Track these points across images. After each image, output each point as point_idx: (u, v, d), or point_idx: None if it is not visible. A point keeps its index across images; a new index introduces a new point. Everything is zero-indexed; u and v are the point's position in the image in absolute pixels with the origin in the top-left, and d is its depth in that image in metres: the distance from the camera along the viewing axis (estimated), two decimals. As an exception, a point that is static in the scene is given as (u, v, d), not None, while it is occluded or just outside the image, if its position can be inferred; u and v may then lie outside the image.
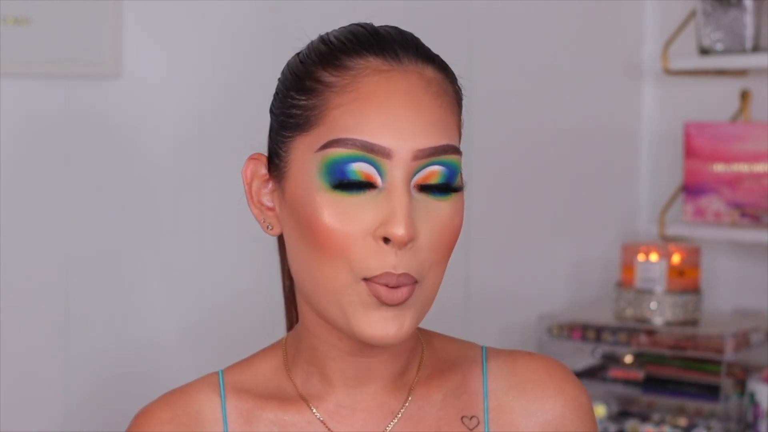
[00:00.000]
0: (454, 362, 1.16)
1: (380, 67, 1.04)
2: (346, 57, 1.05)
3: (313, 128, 1.04)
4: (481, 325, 2.29)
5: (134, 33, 1.81)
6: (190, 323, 1.90)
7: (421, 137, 1.02)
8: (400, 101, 1.03)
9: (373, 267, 1.01)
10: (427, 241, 1.02)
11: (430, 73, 1.06)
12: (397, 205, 1.00)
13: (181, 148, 1.88)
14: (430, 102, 1.04)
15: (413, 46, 1.08)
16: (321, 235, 1.02)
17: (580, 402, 1.15)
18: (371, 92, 1.03)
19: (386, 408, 1.11)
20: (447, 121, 1.05)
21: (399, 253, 1.01)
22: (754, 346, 2.24)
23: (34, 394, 1.75)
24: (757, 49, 2.30)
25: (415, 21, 2.15)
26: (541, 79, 2.41)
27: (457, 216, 1.05)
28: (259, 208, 1.10)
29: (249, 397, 1.12)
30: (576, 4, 2.44)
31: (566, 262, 2.48)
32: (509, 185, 2.37)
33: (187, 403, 1.13)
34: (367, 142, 1.01)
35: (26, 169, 1.73)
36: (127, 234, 1.83)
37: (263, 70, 1.93)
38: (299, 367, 1.12)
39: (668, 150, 2.56)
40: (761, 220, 2.33)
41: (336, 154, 1.01)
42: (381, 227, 1.00)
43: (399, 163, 1.01)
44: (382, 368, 1.10)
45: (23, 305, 1.74)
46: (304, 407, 1.11)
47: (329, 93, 1.04)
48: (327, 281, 1.03)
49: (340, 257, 1.01)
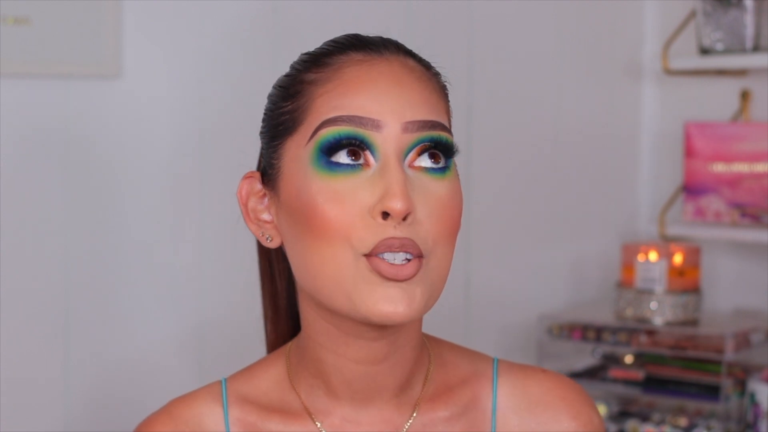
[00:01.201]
0: (463, 377, 1.13)
1: (362, 59, 1.05)
2: (327, 57, 1.06)
3: (300, 125, 1.04)
4: (481, 325, 2.29)
5: (134, 33, 1.81)
6: (189, 327, 1.90)
7: (409, 110, 1.02)
8: (384, 81, 1.03)
9: (372, 240, 0.99)
10: (426, 216, 1.01)
11: (412, 63, 1.07)
12: (393, 179, 1.00)
13: (180, 148, 1.87)
14: (414, 83, 1.04)
15: (394, 44, 1.08)
16: (319, 220, 1.01)
17: (593, 427, 1.13)
18: (354, 77, 1.03)
19: (391, 424, 1.09)
20: (434, 102, 1.05)
21: (398, 227, 0.99)
22: (754, 346, 2.24)
23: (33, 396, 1.75)
24: (758, 49, 2.29)
25: (415, 22, 2.16)
26: (541, 79, 2.41)
27: (455, 196, 1.04)
28: (256, 224, 1.09)
29: (252, 409, 1.11)
30: (576, 4, 2.44)
31: (566, 262, 2.48)
32: (509, 185, 2.36)
33: (190, 415, 1.11)
34: (355, 116, 1.01)
35: (26, 170, 1.73)
36: (126, 235, 1.83)
37: (263, 70, 1.92)
38: (303, 380, 1.10)
39: (668, 150, 2.56)
40: (761, 220, 2.33)
41: (327, 133, 1.01)
42: (378, 204, 1.00)
43: (389, 136, 1.01)
44: (388, 379, 1.08)
45: (22, 307, 1.74)
46: (308, 421, 1.09)
47: (312, 87, 1.04)
48: (329, 266, 1.01)
49: (340, 238, 1.00)
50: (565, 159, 2.46)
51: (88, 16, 1.76)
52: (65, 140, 1.76)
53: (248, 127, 1.93)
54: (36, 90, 1.73)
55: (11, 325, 1.72)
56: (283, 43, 1.96)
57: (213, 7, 1.89)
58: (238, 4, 1.92)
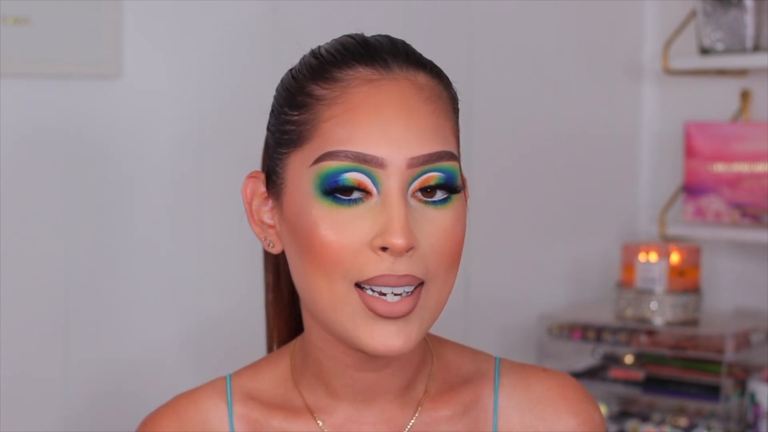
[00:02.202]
0: (465, 377, 1.13)
1: (370, 77, 1.03)
2: (336, 69, 1.04)
3: (306, 143, 1.02)
4: (481, 325, 2.29)
5: (134, 33, 1.81)
6: (188, 327, 1.90)
7: (415, 145, 1.00)
8: (391, 109, 1.01)
9: (368, 270, 0.99)
10: (427, 247, 1.00)
11: (422, 79, 1.05)
12: (394, 213, 0.99)
13: (180, 148, 1.87)
14: (422, 108, 1.02)
15: (403, 53, 1.06)
16: (317, 248, 1.00)
17: (594, 425, 1.13)
18: (361, 102, 1.01)
19: (393, 424, 1.09)
20: (441, 127, 1.03)
21: (397, 260, 0.99)
22: (754, 346, 2.24)
23: (33, 396, 1.75)
24: (758, 49, 2.29)
25: (416, 22, 2.16)
26: (541, 80, 2.41)
27: (458, 223, 1.03)
28: (260, 226, 1.09)
29: (256, 406, 1.11)
30: (576, 4, 2.44)
31: (566, 262, 2.48)
32: (509, 185, 2.36)
33: (194, 411, 1.12)
34: (359, 153, 0.99)
35: (25, 170, 1.73)
36: (125, 234, 1.83)
37: (263, 70, 1.93)
38: (306, 379, 1.11)
39: (668, 150, 2.56)
40: (761, 220, 2.33)
41: (329, 167, 1.00)
42: (378, 237, 0.99)
43: (393, 172, 1.00)
44: (389, 382, 1.09)
45: (22, 307, 1.74)
46: (311, 420, 1.10)
47: (320, 106, 1.03)
48: (323, 295, 1.01)
49: (337, 269, 0.99)
50: (565, 159, 2.45)
51: (88, 16, 1.76)
52: (65, 140, 1.76)
53: (248, 127, 1.93)
54: (36, 90, 1.73)
55: (11, 325, 1.72)
56: (283, 43, 1.96)
57: (213, 7, 1.89)
58: (238, 4, 1.92)
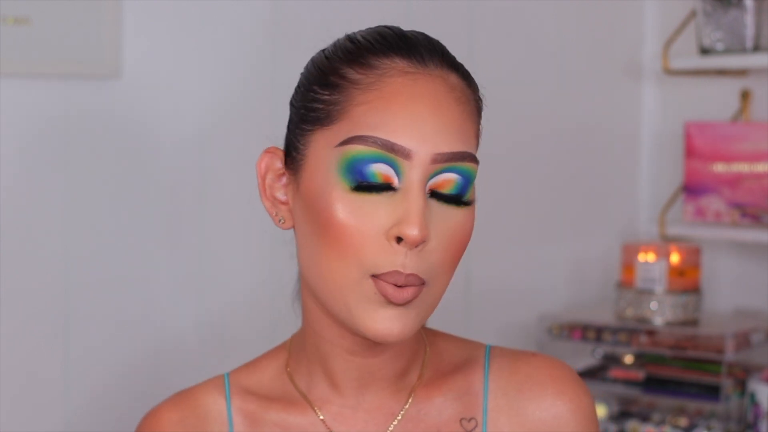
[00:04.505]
0: (457, 364, 1.16)
1: (406, 69, 1.05)
2: (373, 56, 1.05)
3: (335, 123, 1.04)
4: (481, 325, 2.29)
5: (134, 33, 1.81)
6: (189, 326, 1.90)
7: (441, 141, 1.03)
8: (423, 104, 1.03)
9: (382, 264, 1.01)
10: (437, 244, 1.03)
11: (454, 79, 1.08)
12: (413, 205, 1.01)
13: (181, 148, 1.87)
14: (452, 108, 1.05)
15: (439, 52, 1.10)
16: (334, 231, 1.02)
17: (580, 404, 1.14)
18: (396, 92, 1.03)
19: (387, 410, 1.12)
20: (467, 129, 1.06)
21: (409, 254, 1.01)
22: (754, 346, 2.24)
23: (34, 396, 1.75)
24: (758, 49, 2.30)
25: (415, 21, 2.15)
26: (542, 79, 2.41)
27: (468, 224, 1.06)
28: (271, 201, 1.10)
29: (253, 400, 1.14)
30: (576, 4, 2.44)
31: (566, 262, 2.48)
32: (509, 185, 2.36)
33: (195, 405, 1.14)
34: (388, 142, 1.01)
35: (26, 170, 1.73)
36: (126, 234, 1.83)
37: (263, 69, 1.93)
38: (303, 368, 1.13)
39: (668, 150, 2.56)
40: (761, 220, 2.33)
41: (356, 151, 1.02)
42: (395, 227, 1.01)
43: (417, 164, 1.02)
44: (384, 368, 1.11)
45: (22, 307, 1.74)
46: (308, 409, 1.12)
47: (354, 90, 1.04)
48: (335, 277, 1.03)
49: (351, 254, 1.01)
50: (565, 159, 2.46)
51: (88, 16, 1.75)
52: (65, 140, 1.76)
53: (248, 127, 1.93)
54: (36, 90, 1.73)
55: (11, 325, 1.72)
56: (283, 43, 1.96)
57: (213, 7, 1.89)
58: (238, 4, 1.92)
